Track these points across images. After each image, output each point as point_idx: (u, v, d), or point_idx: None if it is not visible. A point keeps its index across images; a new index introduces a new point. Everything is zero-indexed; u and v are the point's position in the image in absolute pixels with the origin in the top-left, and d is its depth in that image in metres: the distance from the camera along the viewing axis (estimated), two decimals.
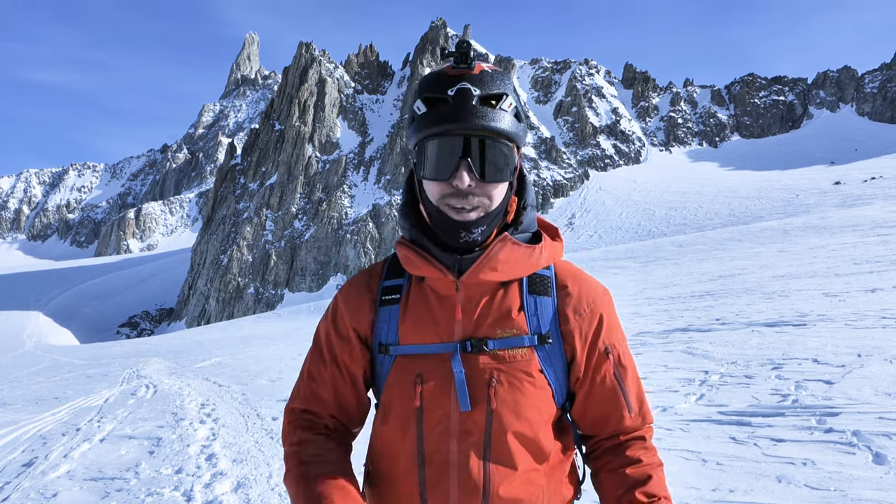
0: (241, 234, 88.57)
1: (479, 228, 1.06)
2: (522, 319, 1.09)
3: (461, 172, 1.02)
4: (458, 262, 1.08)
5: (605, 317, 1.15)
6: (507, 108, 1.04)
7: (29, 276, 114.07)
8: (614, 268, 22.78)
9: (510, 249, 1.08)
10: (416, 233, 1.12)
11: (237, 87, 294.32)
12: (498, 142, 1.03)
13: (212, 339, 25.15)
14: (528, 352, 1.08)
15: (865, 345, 5.60)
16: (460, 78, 1.03)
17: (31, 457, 5.62)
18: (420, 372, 1.08)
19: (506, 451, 1.06)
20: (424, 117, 1.04)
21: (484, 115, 1.01)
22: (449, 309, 1.10)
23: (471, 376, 1.06)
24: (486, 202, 1.05)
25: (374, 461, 1.18)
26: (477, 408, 1.06)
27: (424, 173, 1.06)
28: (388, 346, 1.13)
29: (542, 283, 1.13)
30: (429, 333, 1.10)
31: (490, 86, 1.03)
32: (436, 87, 1.04)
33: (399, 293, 1.15)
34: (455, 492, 1.05)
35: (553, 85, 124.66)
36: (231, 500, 3.92)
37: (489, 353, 1.07)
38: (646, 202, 77.25)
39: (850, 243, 16.49)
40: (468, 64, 1.04)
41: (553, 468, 1.12)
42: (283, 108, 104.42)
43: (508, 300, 1.10)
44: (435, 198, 1.06)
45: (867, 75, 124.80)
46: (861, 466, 3.09)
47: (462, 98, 1.01)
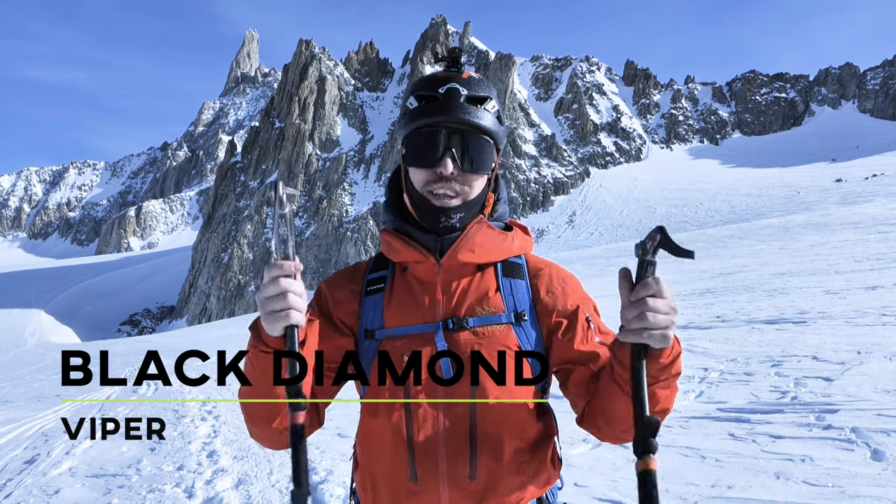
0: (241, 231, 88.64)
1: (458, 215, 1.16)
2: (499, 299, 1.18)
3: (445, 160, 1.13)
4: (439, 243, 1.17)
5: (576, 292, 1.22)
6: (490, 109, 1.17)
7: (30, 275, 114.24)
8: (615, 265, 22.76)
9: (486, 233, 1.19)
10: (400, 222, 1.22)
11: (237, 84, 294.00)
12: (480, 137, 1.15)
13: (213, 337, 25.19)
14: (506, 328, 1.15)
15: (865, 342, 5.61)
16: (450, 79, 1.15)
17: (33, 454, 5.65)
18: (405, 351, 1.15)
19: (490, 420, 1.11)
20: (416, 111, 1.16)
21: (469, 111, 1.13)
22: (430, 291, 1.18)
23: (453, 351, 1.13)
24: (466, 190, 1.16)
25: (362, 442, 1.21)
26: (461, 380, 1.12)
27: (412, 161, 1.16)
28: (373, 331, 1.19)
29: (516, 268, 1.23)
30: (413, 315, 1.17)
31: (476, 89, 1.16)
32: (428, 86, 1.16)
33: (383, 283, 1.23)
34: (443, 463, 1.11)
35: (554, 82, 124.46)
36: (232, 496, 3.94)
37: (469, 329, 1.14)
38: (646, 200, 77.21)
39: (850, 241, 16.50)
40: (458, 69, 1.18)
41: (535, 448, 1.17)
42: (283, 106, 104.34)
43: (485, 282, 1.19)
44: (420, 185, 1.16)
45: (869, 72, 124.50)
46: (859, 463, 3.10)
47: (451, 96, 1.13)
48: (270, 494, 3.92)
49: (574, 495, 3.16)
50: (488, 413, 1.11)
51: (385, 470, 1.15)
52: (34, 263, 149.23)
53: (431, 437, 1.11)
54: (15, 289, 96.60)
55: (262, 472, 4.41)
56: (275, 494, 3.92)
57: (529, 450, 1.15)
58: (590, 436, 4.07)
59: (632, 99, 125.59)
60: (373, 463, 1.17)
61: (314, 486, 3.95)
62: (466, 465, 1.10)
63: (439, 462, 1.10)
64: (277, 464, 4.61)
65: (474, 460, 1.10)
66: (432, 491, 1.11)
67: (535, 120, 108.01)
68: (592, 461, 3.66)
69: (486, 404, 1.11)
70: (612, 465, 3.58)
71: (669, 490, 3.11)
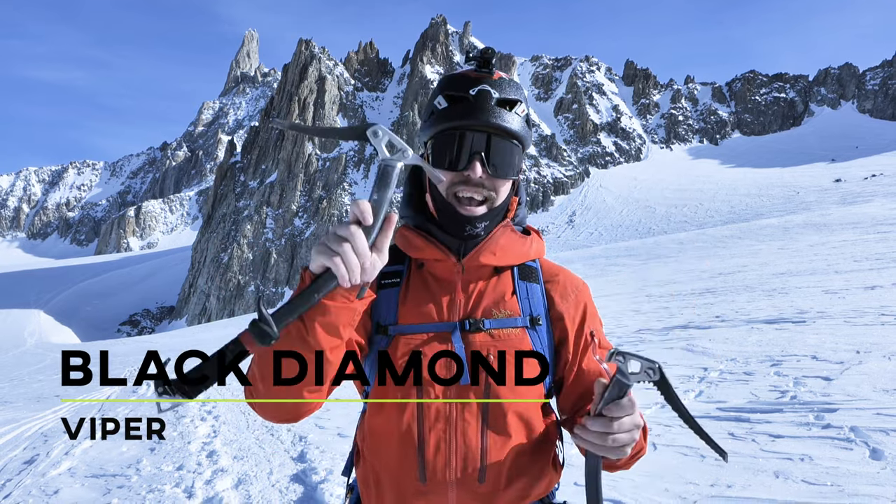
0: (241, 232, 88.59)
1: (483, 224, 1.15)
2: (515, 302, 1.17)
3: (475, 164, 1.10)
4: (461, 246, 1.16)
5: (588, 305, 1.24)
6: (520, 113, 1.14)
7: (29, 275, 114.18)
8: (615, 265, 22.80)
9: (509, 236, 1.18)
10: (421, 220, 1.20)
11: (237, 84, 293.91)
12: (510, 141, 1.12)
13: (213, 337, 25.18)
14: (521, 332, 1.15)
15: (864, 341, 5.61)
16: (481, 80, 1.12)
17: (32, 454, 5.65)
18: (420, 349, 1.13)
19: (501, 422, 1.12)
20: (446, 111, 1.12)
21: (500, 115, 1.10)
22: (448, 291, 1.17)
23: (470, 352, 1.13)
24: (493, 196, 1.14)
25: (367, 438, 1.18)
26: (475, 382, 1.12)
27: (439, 163, 1.13)
28: (386, 326, 1.16)
29: (532, 272, 1.22)
30: (429, 314, 1.15)
31: (507, 92, 1.13)
32: (458, 86, 1.13)
33: (399, 277, 1.20)
34: (454, 464, 1.10)
35: (553, 82, 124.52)
36: (232, 496, 3.94)
37: (486, 331, 1.13)
38: (646, 200, 77.24)
39: (850, 240, 16.51)
40: (489, 70, 1.14)
41: (540, 450, 1.17)
42: (282, 106, 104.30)
43: (502, 285, 1.19)
44: (444, 187, 1.13)
45: (868, 72, 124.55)
46: (858, 462, 3.10)
47: (482, 98, 1.11)
48: (270, 494, 3.92)
49: (574, 495, 3.15)
50: (500, 415, 1.11)
51: (391, 468, 1.13)
52: (33, 263, 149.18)
53: (443, 438, 1.10)
54: (14, 289, 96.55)
55: (262, 472, 4.41)
56: (275, 494, 3.92)
57: (536, 452, 1.15)
58: None
59: (632, 99, 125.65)
60: (378, 460, 1.15)
61: (314, 486, 3.96)
62: (477, 466, 1.10)
63: (450, 463, 1.10)
64: (277, 464, 4.61)
65: (484, 462, 1.10)
66: (441, 492, 1.10)
67: (535, 120, 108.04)
68: None
69: (498, 407, 1.11)
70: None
71: (669, 489, 3.12)
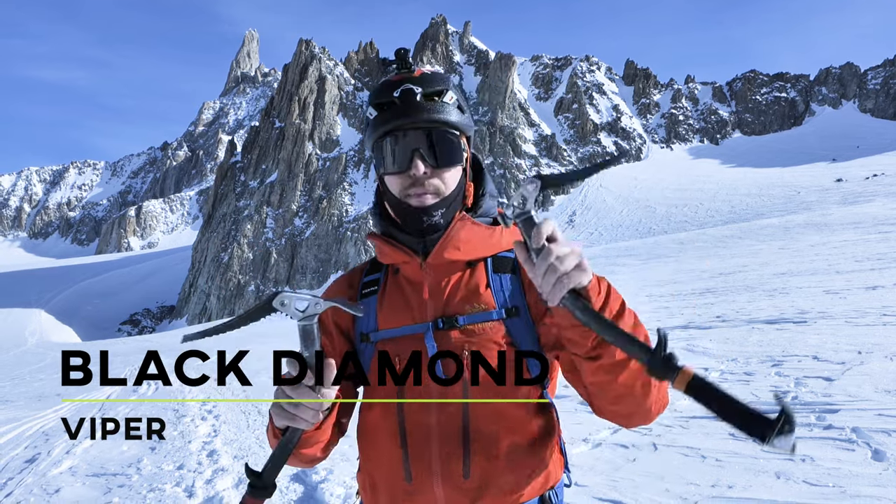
0: (241, 231, 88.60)
1: (439, 211, 1.15)
2: (489, 295, 1.16)
3: (415, 162, 1.12)
4: (423, 245, 1.17)
5: None
6: (448, 101, 1.15)
7: (30, 274, 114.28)
8: (615, 265, 22.77)
9: (470, 229, 1.17)
10: (386, 226, 1.22)
11: (237, 84, 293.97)
12: (444, 130, 1.14)
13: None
14: (497, 324, 1.14)
15: (866, 342, 5.60)
16: (403, 81, 1.14)
17: (33, 453, 5.65)
18: (398, 352, 1.15)
19: (483, 420, 1.11)
20: (376, 120, 1.15)
21: (428, 108, 1.12)
22: (419, 292, 1.18)
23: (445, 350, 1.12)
24: (440, 186, 1.15)
25: (360, 443, 1.23)
26: (453, 379, 1.11)
27: (384, 169, 1.16)
28: (368, 334, 1.20)
29: (506, 262, 1.20)
30: (404, 317, 1.17)
31: (431, 84, 1.14)
32: (382, 93, 1.15)
33: (377, 285, 1.24)
34: (437, 462, 1.10)
35: (554, 82, 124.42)
36: (232, 496, 3.95)
37: (460, 328, 1.13)
38: (646, 199, 77.18)
39: (851, 240, 16.48)
40: (409, 68, 1.16)
41: (533, 445, 1.14)
42: (283, 106, 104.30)
43: (475, 279, 1.18)
44: (397, 191, 1.16)
45: (870, 72, 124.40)
46: (860, 463, 3.10)
47: (407, 97, 1.12)
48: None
49: (574, 495, 3.16)
50: (481, 411, 1.11)
51: (382, 470, 1.16)
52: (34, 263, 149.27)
53: (424, 437, 1.11)
54: (15, 288, 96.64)
55: None
56: (275, 494, 3.91)
57: (527, 448, 1.14)
58: (590, 435, 4.09)
59: (632, 99, 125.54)
60: (370, 463, 1.19)
61: (314, 486, 3.96)
62: (460, 463, 1.10)
63: (432, 461, 1.11)
64: None
65: (468, 459, 1.10)
66: (427, 490, 1.11)
67: (535, 120, 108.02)
68: (592, 461, 3.65)
69: (478, 404, 1.10)
70: (612, 464, 3.57)
71: (670, 489, 3.11)
